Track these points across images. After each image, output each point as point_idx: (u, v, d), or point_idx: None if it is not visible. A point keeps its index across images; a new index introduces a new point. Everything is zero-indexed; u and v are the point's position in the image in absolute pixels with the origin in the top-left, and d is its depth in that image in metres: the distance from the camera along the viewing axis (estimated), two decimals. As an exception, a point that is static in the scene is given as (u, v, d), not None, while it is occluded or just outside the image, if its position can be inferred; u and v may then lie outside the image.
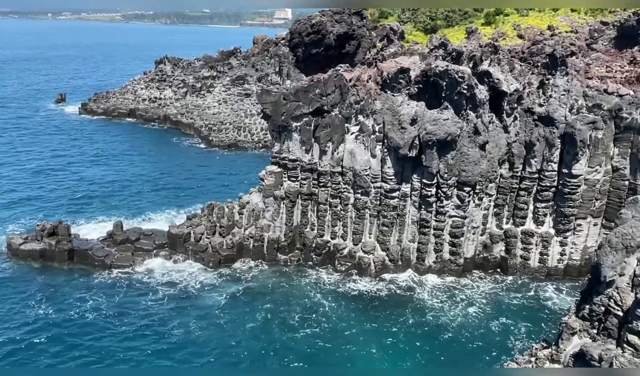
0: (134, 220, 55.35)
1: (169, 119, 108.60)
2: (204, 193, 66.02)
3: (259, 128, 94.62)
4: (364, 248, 44.74)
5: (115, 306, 38.34)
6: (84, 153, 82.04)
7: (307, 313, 38.28)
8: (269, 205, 47.01)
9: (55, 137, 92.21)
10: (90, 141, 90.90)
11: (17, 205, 58.05)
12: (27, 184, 64.96)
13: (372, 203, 44.08)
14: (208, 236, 47.13)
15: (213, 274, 43.96)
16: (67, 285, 41.10)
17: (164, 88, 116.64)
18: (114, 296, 39.77)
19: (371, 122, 43.04)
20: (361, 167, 43.44)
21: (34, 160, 76.69)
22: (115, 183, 68.11)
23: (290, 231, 46.83)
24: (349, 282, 43.32)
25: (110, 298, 39.47)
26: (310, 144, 44.89)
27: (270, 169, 46.88)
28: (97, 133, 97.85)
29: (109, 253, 45.15)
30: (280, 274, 44.66)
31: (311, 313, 38.38)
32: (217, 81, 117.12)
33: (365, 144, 43.25)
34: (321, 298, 40.51)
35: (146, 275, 43.37)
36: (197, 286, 41.57)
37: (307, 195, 46.14)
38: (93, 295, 39.68)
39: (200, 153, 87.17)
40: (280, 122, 45.26)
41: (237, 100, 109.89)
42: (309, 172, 45.78)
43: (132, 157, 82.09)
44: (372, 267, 44.02)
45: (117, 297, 39.62)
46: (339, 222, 45.73)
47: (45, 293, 39.44)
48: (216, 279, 43.11)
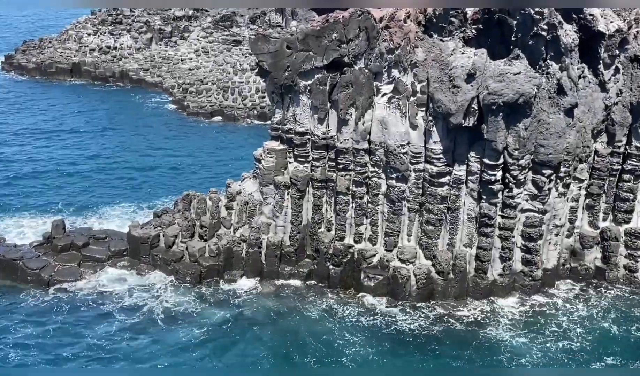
0: (81, 217, 55.61)
1: (127, 77, 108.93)
2: (178, 179, 66.23)
3: (254, 90, 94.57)
4: (400, 255, 44.60)
5: (51, 340, 38.22)
6: (8, 127, 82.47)
7: (323, 355, 38.02)
8: (268, 197, 46.84)
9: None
10: (18, 109, 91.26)
11: None
12: None
13: (412, 193, 43.78)
14: (184, 240, 47.21)
15: (190, 295, 43.98)
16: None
17: (119, 34, 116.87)
18: (49, 326, 39.60)
19: (410, 79, 42.66)
20: (396, 142, 43.10)
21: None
22: (54, 167, 68.47)
23: (297, 232, 46.72)
24: (380, 304, 43.43)
25: (45, 328, 39.32)
26: (324, 111, 44.57)
27: (270, 146, 46.64)
28: (27, 98, 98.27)
29: (47, 265, 45.29)
30: (283, 294, 44.60)
31: (329, 355, 38.14)
32: (193, 23, 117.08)
33: (402, 110, 42.88)
34: (342, 333, 40.31)
35: (97, 295, 43.43)
36: (166, 313, 41.50)
37: (321, 182, 45.92)
38: (20, 325, 39.55)
39: (171, 125, 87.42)
40: (282, 80, 44.84)
41: (223, 49, 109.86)
42: (323, 150, 45.51)
43: (76, 131, 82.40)
44: (412, 281, 43.91)
45: (54, 328, 39.48)
46: (365, 220, 45.50)
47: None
48: (194, 302, 43.11)
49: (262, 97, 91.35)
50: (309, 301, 43.82)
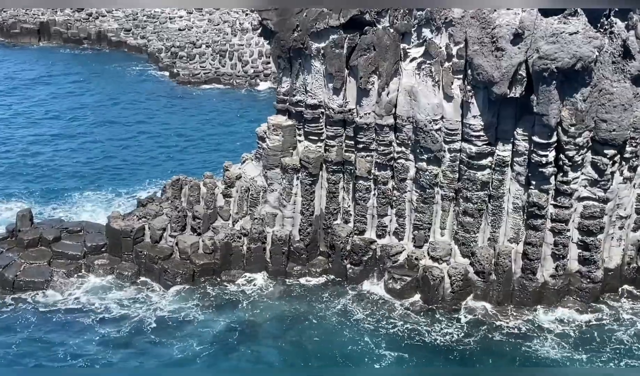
0: (50, 206, 56.03)
1: (105, 39, 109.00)
2: (166, 161, 66.54)
3: (256, 54, 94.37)
4: (432, 252, 44.63)
5: (15, 358, 38.08)
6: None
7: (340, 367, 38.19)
8: (273, 182, 47.02)
9: None
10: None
11: None
12: None
13: (447, 178, 43.72)
14: (174, 233, 47.44)
15: (181, 300, 44.16)
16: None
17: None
18: (13, 341, 39.53)
19: (444, 41, 42.37)
20: (428, 116, 42.97)
21: None
22: (17, 146, 68.94)
23: (309, 225, 46.89)
24: (407, 309, 43.39)
25: (8, 343, 39.28)
26: (341, 79, 44.44)
27: (276, 121, 46.72)
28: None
29: (11, 263, 45.66)
30: (293, 297, 44.69)
31: (346, 365, 38.28)
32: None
33: (435, 78, 42.72)
34: (362, 341, 40.35)
35: (71, 301, 43.62)
36: (154, 323, 41.65)
37: (336, 165, 46.00)
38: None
39: (158, 95, 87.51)
40: (291, 42, 44.70)
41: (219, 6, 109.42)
42: (339, 126, 45.56)
43: (44, 104, 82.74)
44: (446, 283, 43.91)
45: (18, 344, 39.34)
46: (390, 210, 45.55)
47: None
48: (187, 309, 43.22)
49: (266, 62, 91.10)
50: (322, 305, 43.94)
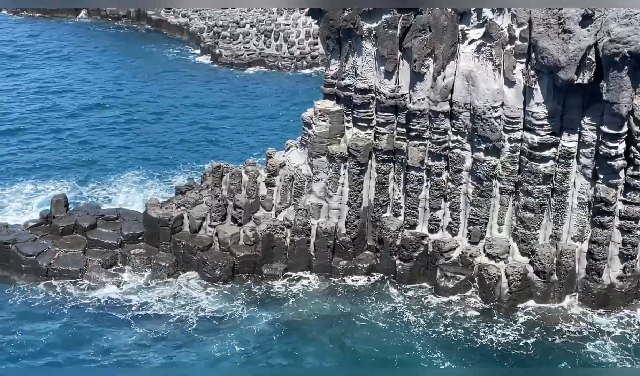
0: (85, 190, 56.44)
1: (145, 18, 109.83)
2: (206, 147, 66.83)
3: (303, 35, 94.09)
4: (489, 249, 44.11)
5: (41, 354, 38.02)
6: (4, 78, 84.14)
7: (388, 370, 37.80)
8: (319, 171, 46.72)
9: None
10: (13, 56, 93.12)
11: None
12: None
13: (506, 169, 43.13)
14: (213, 223, 47.31)
15: (221, 294, 44.03)
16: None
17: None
18: (43, 332, 39.48)
19: (507, 21, 41.77)
20: (487, 103, 42.35)
21: None
22: (53, 127, 69.83)
23: (356, 217, 46.52)
24: (463, 309, 42.85)
25: (38, 335, 39.25)
26: (394, 62, 44.09)
27: (323, 107, 46.52)
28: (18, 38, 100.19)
29: (45, 251, 45.70)
30: (338, 296, 44.45)
31: (394, 367, 37.95)
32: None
33: (496, 62, 42.09)
34: (412, 343, 39.98)
35: (105, 292, 43.56)
36: (192, 319, 41.43)
37: (387, 154, 45.69)
38: (12, 331, 39.51)
39: (199, 77, 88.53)
40: (341, 22, 44.54)
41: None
42: (391, 113, 45.18)
43: (81, 85, 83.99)
44: (503, 283, 43.33)
45: (47, 336, 39.30)
46: (443, 203, 45.18)
47: None
48: (227, 305, 42.93)
49: (313, 43, 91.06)
50: (370, 304, 43.61)
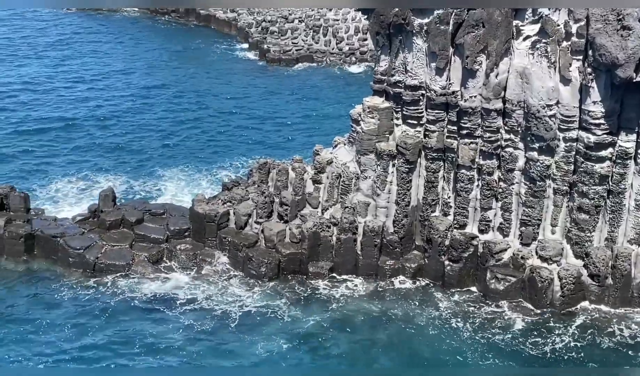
0: (134, 185, 56.97)
1: (194, 13, 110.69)
2: (252, 143, 67.00)
3: (352, 30, 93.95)
4: (541, 251, 43.49)
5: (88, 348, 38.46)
6: (54, 72, 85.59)
7: None
8: (367, 169, 46.53)
9: (9, 46, 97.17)
10: (59, 48, 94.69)
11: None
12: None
13: (560, 170, 42.53)
14: (259, 220, 47.41)
15: (266, 292, 44.15)
16: (16, 301, 42.18)
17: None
18: (89, 331, 39.76)
19: (563, 17, 41.21)
20: (541, 101, 41.81)
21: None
22: (98, 122, 70.73)
23: (405, 216, 46.23)
24: (511, 313, 42.38)
25: (85, 328, 39.63)
26: (445, 58, 43.77)
27: (372, 103, 46.32)
28: (68, 33, 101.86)
29: (92, 245, 46.22)
30: (385, 297, 44.18)
31: None
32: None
33: (551, 59, 41.48)
34: (460, 348, 39.56)
35: (152, 287, 44.01)
36: (238, 317, 41.58)
37: (437, 152, 45.40)
38: (61, 326, 39.88)
39: (247, 72, 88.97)
40: (391, 17, 44.35)
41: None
42: (441, 110, 44.88)
43: (130, 79, 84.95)
44: (556, 286, 42.76)
45: (94, 331, 39.70)
46: (495, 203, 44.70)
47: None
48: (273, 304, 43.00)
49: (363, 39, 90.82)
50: (418, 306, 43.32)
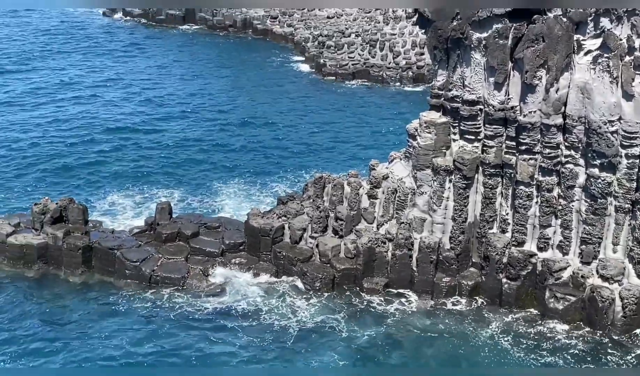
0: (190, 199, 57.67)
1: (252, 27, 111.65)
2: (308, 157, 67.49)
3: (409, 44, 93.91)
4: (602, 270, 42.84)
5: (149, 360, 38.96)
6: (110, 83, 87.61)
7: None
8: (423, 184, 46.45)
9: (65, 55, 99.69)
10: (123, 62, 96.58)
11: (9, 166, 63.05)
12: (19, 134, 70.49)
13: (623, 187, 41.89)
14: (314, 234, 47.62)
15: (321, 305, 44.35)
16: (74, 311, 42.96)
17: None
18: (144, 344, 40.35)
19: (626, 32, 40.75)
20: (603, 116, 41.31)
21: (30, 91, 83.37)
22: (161, 137, 71.70)
23: (461, 232, 46.03)
24: (571, 334, 41.90)
25: (143, 344, 40.20)
26: (504, 73, 43.56)
27: (429, 118, 46.25)
28: (131, 50, 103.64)
29: (149, 257, 46.90)
30: (441, 315, 44.08)
31: None
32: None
33: (613, 74, 40.98)
34: (518, 369, 39.26)
35: (209, 298, 44.48)
36: (294, 331, 41.86)
37: (495, 168, 45.17)
38: (118, 337, 40.51)
39: (303, 87, 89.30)
40: (449, 31, 44.39)
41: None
42: (500, 125, 44.67)
43: (188, 93, 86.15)
44: (617, 306, 42.07)
45: (155, 343, 40.26)
46: (554, 220, 44.22)
47: (37, 329, 40.98)
48: (328, 315, 43.33)
49: (420, 53, 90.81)
50: (474, 326, 43.10)
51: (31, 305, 43.59)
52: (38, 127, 73.20)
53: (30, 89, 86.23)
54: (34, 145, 67.92)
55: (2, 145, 67.48)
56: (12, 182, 60.12)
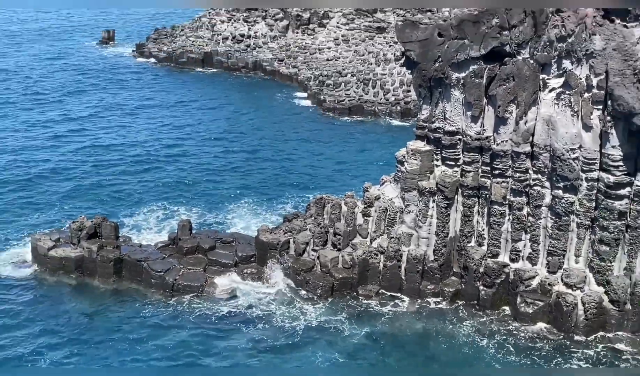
0: (207, 217, 58.03)
1: (261, 67, 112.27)
2: (310, 180, 67.49)
3: (398, 83, 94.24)
4: (566, 279, 42.81)
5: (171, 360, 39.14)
6: (137, 122, 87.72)
7: None
8: (410, 204, 46.55)
9: (93, 93, 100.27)
10: (149, 102, 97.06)
11: (49, 187, 63.45)
12: (57, 159, 71.00)
13: (583, 206, 41.97)
14: (316, 247, 47.74)
15: (325, 308, 44.56)
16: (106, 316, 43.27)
17: (254, 21, 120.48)
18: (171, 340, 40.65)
19: (585, 72, 40.92)
20: (565, 145, 41.47)
21: (67, 122, 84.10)
22: (181, 162, 72.11)
23: (443, 246, 46.10)
24: (539, 336, 41.90)
25: (166, 345, 40.31)
26: (480, 107, 43.75)
27: (415, 146, 46.43)
28: (156, 88, 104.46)
29: (171, 268, 47.15)
30: (427, 315, 44.27)
31: None
32: (334, 9, 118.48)
33: (574, 108, 41.20)
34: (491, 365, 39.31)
35: (223, 304, 44.67)
36: (299, 331, 41.99)
37: (472, 190, 45.22)
38: (145, 338, 40.77)
39: (306, 120, 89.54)
40: (432, 72, 44.54)
41: (365, 38, 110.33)
42: (476, 153, 44.79)
43: (205, 125, 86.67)
44: (579, 310, 41.99)
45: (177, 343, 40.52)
46: (524, 235, 44.24)
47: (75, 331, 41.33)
48: (331, 316, 43.57)
49: (406, 91, 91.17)
50: (454, 324, 43.27)
51: (70, 307, 44.01)
52: (72, 153, 73.71)
53: (67, 118, 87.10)
54: (68, 168, 68.88)
55: (43, 169, 68.09)
56: (53, 201, 60.73)
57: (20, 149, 74.13)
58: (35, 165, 69.28)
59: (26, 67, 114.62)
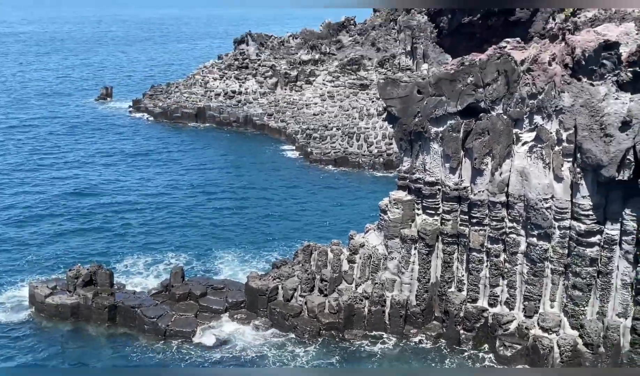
0: (195, 264, 57.83)
1: (251, 122, 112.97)
2: (298, 229, 67.36)
3: (380, 136, 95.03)
4: (542, 323, 42.81)
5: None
6: (132, 172, 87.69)
7: None
8: (393, 251, 46.66)
9: (93, 147, 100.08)
10: (144, 154, 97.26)
11: (45, 237, 63.16)
12: (56, 212, 70.71)
13: (557, 253, 42.16)
14: (303, 293, 47.58)
15: (316, 351, 44.32)
16: (98, 357, 42.91)
17: (245, 78, 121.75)
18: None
19: (555, 127, 41.50)
20: (538, 195, 41.87)
21: (66, 179, 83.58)
22: (173, 211, 71.97)
23: (425, 291, 46.08)
24: None
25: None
26: (457, 160, 44.24)
27: (397, 196, 46.71)
28: (152, 142, 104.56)
29: (164, 314, 46.77)
30: (411, 354, 43.99)
31: None
32: (320, 67, 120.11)
33: (546, 161, 41.71)
34: None
35: (215, 349, 44.28)
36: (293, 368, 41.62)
37: (451, 237, 45.39)
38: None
39: (293, 171, 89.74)
40: (412, 126, 45.07)
41: (349, 94, 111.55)
42: (455, 202, 45.10)
43: (198, 176, 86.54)
44: (555, 353, 41.85)
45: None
46: (501, 280, 44.33)
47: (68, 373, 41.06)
48: (323, 360, 43.33)
49: (389, 143, 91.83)
50: (437, 366, 42.99)
51: (65, 350, 43.81)
52: (62, 199, 74.44)
53: (62, 165, 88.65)
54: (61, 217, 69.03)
55: (35, 219, 68.14)
56: (46, 250, 60.44)
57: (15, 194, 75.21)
58: (28, 208, 70.25)
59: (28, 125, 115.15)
